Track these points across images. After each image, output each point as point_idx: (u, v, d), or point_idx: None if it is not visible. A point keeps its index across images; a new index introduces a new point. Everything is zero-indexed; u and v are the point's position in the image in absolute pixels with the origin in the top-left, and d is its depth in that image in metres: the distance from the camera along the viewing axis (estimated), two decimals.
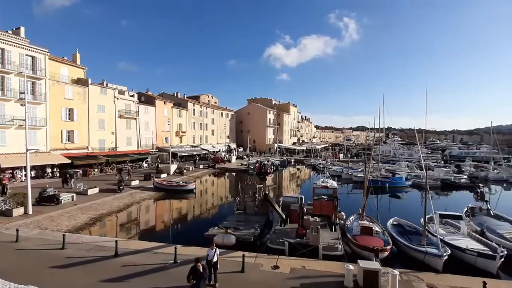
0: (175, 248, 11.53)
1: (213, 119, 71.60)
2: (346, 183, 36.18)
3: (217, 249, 9.70)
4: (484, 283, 8.87)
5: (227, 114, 79.15)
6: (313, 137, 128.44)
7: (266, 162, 49.56)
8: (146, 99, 52.53)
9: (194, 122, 63.58)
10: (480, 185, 32.60)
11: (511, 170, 41.41)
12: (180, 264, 11.10)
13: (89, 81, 38.77)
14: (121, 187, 26.33)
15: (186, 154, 54.55)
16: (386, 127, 54.22)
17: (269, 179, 41.96)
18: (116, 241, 12.41)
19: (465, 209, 18.71)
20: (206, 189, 35.26)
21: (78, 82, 38.05)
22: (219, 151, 65.60)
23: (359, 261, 10.16)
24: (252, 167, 45.58)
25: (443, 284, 9.94)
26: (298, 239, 13.42)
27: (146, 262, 11.34)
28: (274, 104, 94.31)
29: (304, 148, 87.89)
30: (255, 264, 11.30)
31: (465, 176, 37.49)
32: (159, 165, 40.97)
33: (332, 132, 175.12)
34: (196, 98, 72.45)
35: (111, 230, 18.28)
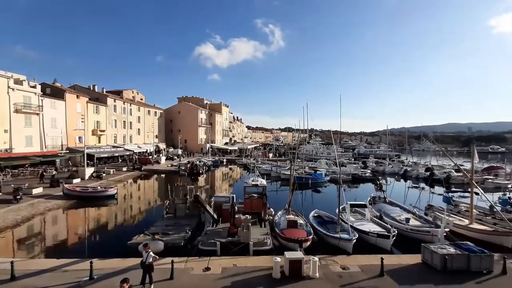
0: (91, 262, 10.18)
1: (138, 117, 65.88)
2: (275, 181, 38.37)
3: (151, 252, 9.53)
4: (382, 259, 10.80)
5: (156, 112, 74.03)
6: (245, 137, 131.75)
7: (198, 162, 48.42)
8: (53, 92, 44.62)
9: (115, 120, 57.27)
10: (379, 177, 39.32)
11: (400, 165, 51.17)
12: (96, 280, 9.92)
13: None
14: (18, 197, 21.82)
15: (105, 155, 48.64)
16: (309, 128, 59.94)
17: (201, 180, 41.14)
18: (12, 262, 10.22)
19: (369, 198, 22.23)
20: (131, 193, 32.21)
21: None
22: (146, 151, 60.89)
23: (285, 252, 10.98)
24: (183, 168, 43.90)
25: (352, 263, 11.61)
26: (230, 238, 13.60)
27: (52, 283, 9.71)
28: (206, 103, 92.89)
29: (236, 148, 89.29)
30: (185, 269, 10.96)
31: (369, 171, 44.46)
32: (71, 169, 35.48)
33: (263, 132, 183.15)
34: (118, 93, 65.24)
35: (5, 249, 14.90)
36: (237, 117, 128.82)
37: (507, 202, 20.81)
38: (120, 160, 51.89)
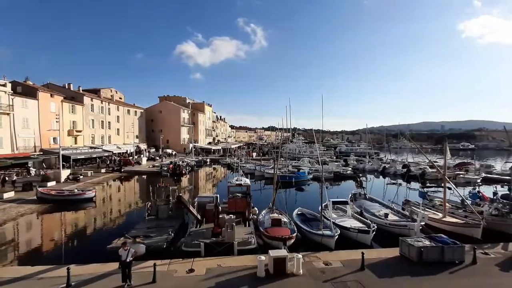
0: (68, 269, 9.74)
1: (117, 116, 63.79)
2: (259, 180, 38.49)
3: (131, 249, 9.67)
4: (362, 253, 11.18)
5: (136, 111, 71.98)
6: (228, 136, 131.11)
7: (181, 162, 47.65)
8: (25, 90, 42.26)
9: (93, 120, 55.12)
10: (360, 175, 40.44)
11: (379, 162, 53.01)
12: (74, 287, 9.52)
13: None
14: None
15: (83, 157, 46.70)
16: (292, 127, 60.63)
17: (185, 180, 40.56)
18: None
19: (350, 195, 22.86)
20: (110, 196, 31.20)
21: None
22: (126, 152, 59.11)
23: (269, 251, 11.06)
24: (165, 169, 43.06)
25: (335, 259, 11.90)
26: (214, 238, 13.52)
27: None
28: (189, 103, 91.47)
29: (220, 147, 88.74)
30: (168, 272, 10.77)
31: (350, 168, 45.71)
32: (45, 171, 33.74)
33: (246, 132, 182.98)
34: (95, 92, 62.64)
35: None
36: (221, 117, 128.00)
37: (477, 196, 22.12)
38: (98, 162, 49.97)
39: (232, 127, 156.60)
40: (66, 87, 54.44)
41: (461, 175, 37.41)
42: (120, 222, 21.10)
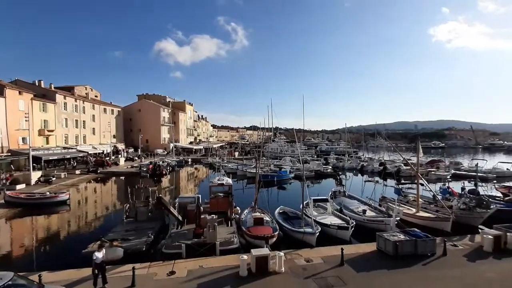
0: (39, 276, 9.25)
1: (93, 115, 61.19)
2: (241, 179, 38.43)
3: (104, 249, 9.98)
4: (342, 249, 11.52)
5: (112, 110, 69.36)
6: (210, 136, 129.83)
7: (161, 162, 46.53)
8: None
9: (66, 119, 52.49)
10: (340, 173, 41.57)
11: (358, 161, 54.73)
12: None
13: None
14: None
15: (55, 157, 44.32)
16: (274, 127, 61.10)
17: (165, 181, 39.67)
18: None
19: (330, 193, 23.39)
20: (86, 198, 29.84)
21: None
22: (103, 152, 56.82)
23: (252, 250, 11.11)
24: (144, 169, 41.86)
25: (316, 256, 12.17)
26: (196, 239, 13.36)
27: None
28: (169, 101, 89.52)
29: (201, 147, 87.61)
30: (148, 275, 10.52)
31: (330, 167, 46.80)
32: (9, 174, 31.65)
33: (228, 131, 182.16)
34: (69, 90, 59.64)
35: None
36: (202, 116, 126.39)
37: (447, 191, 23.42)
38: (73, 163, 47.67)
39: (214, 126, 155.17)
40: (37, 84, 51.41)
41: (432, 172, 39.41)
42: (97, 225, 20.24)
